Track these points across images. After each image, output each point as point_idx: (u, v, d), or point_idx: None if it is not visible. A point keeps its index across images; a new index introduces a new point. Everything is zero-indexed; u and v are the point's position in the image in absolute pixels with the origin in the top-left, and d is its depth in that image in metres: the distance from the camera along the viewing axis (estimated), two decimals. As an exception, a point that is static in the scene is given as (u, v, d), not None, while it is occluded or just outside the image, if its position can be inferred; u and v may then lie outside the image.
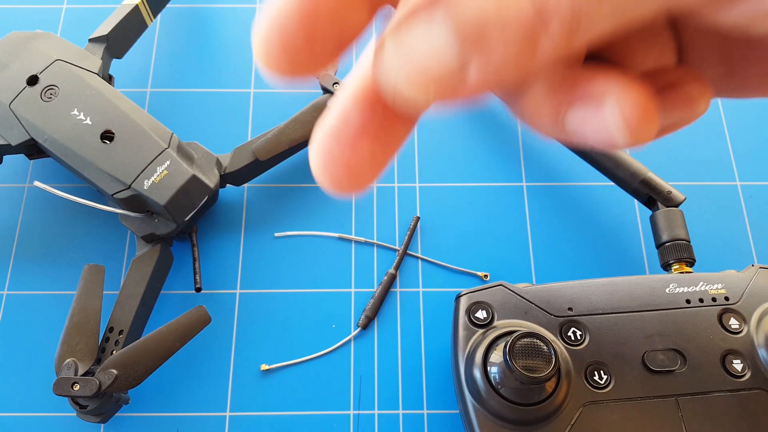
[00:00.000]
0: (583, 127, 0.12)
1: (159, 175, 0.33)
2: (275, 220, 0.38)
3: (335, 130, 0.12)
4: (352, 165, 0.12)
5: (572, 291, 0.30)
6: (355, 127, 0.12)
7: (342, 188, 0.12)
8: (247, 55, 0.43)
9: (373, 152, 0.12)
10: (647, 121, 0.11)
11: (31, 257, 0.37)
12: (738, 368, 0.28)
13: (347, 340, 0.35)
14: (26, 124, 0.34)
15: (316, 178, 0.12)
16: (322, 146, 0.12)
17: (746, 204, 0.39)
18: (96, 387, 0.29)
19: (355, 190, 0.12)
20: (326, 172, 0.12)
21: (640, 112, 0.11)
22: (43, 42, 0.36)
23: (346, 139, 0.12)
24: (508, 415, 0.27)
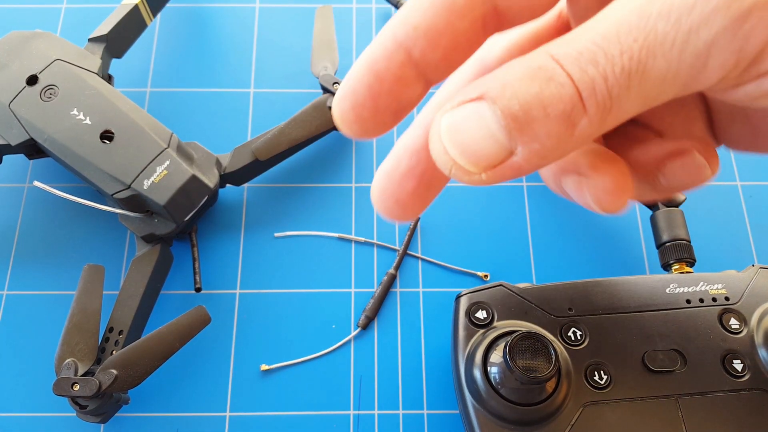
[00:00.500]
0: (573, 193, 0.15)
1: (159, 175, 0.33)
2: (275, 220, 0.38)
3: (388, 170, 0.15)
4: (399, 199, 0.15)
5: (572, 291, 0.30)
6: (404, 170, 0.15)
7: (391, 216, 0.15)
8: (247, 55, 0.43)
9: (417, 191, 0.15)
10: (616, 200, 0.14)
11: (30, 257, 0.37)
12: (738, 368, 0.28)
13: (347, 340, 0.35)
14: (26, 124, 0.34)
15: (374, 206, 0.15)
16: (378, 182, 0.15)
17: (746, 204, 0.39)
18: (96, 387, 0.29)
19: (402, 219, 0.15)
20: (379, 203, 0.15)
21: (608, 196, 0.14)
22: (43, 42, 0.36)
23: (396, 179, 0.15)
24: (508, 415, 0.27)
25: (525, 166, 0.12)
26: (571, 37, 0.12)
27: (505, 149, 0.12)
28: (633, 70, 0.11)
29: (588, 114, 0.11)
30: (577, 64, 0.11)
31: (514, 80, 0.12)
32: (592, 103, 0.11)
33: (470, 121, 0.12)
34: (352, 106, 0.14)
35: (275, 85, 0.42)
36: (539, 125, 0.11)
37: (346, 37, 0.44)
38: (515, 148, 0.12)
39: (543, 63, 0.11)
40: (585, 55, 0.11)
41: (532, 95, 0.11)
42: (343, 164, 0.40)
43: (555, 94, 0.11)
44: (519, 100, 0.11)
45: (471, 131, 0.12)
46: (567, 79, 0.11)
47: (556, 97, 0.11)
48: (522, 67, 0.12)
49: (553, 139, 0.11)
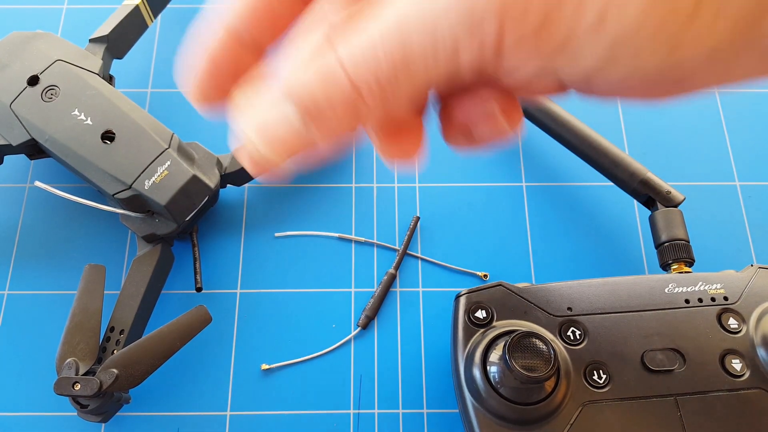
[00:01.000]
0: None
1: (159, 175, 0.33)
2: (275, 220, 0.38)
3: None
4: None
5: (571, 291, 0.30)
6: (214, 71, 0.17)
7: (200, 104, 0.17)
8: (248, 56, 0.43)
9: None
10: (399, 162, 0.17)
11: (31, 257, 0.37)
12: (737, 368, 0.28)
13: (347, 339, 0.35)
14: (27, 124, 0.34)
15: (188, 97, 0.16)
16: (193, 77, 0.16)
17: (745, 204, 0.39)
18: (97, 386, 0.29)
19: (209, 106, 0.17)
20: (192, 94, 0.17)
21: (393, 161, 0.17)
22: (44, 42, 0.36)
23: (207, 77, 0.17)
24: (508, 414, 0.27)
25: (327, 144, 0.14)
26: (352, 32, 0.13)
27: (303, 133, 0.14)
28: (398, 69, 0.13)
29: (368, 105, 0.13)
30: (354, 67, 0.13)
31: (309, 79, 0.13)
32: (370, 97, 0.13)
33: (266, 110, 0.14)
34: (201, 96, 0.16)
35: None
36: (330, 118, 0.14)
37: (347, 37, 0.44)
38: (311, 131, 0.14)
39: (330, 65, 0.13)
40: (360, 59, 0.13)
41: (322, 96, 0.13)
42: (343, 165, 0.40)
43: (340, 94, 0.13)
44: (312, 99, 0.13)
45: (271, 117, 0.14)
46: (348, 82, 0.13)
47: (340, 96, 0.13)
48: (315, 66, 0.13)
49: (343, 125, 0.14)
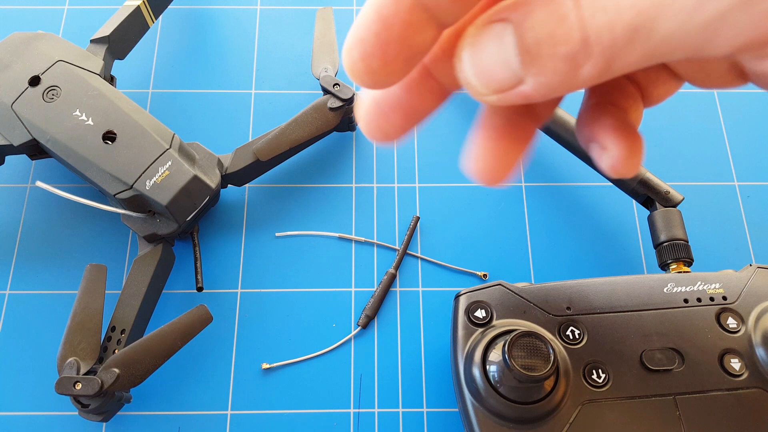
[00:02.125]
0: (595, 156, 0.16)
1: (161, 175, 0.33)
2: (276, 220, 0.39)
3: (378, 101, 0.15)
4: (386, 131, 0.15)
5: (571, 290, 0.30)
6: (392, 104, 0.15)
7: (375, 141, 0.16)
8: (248, 57, 0.43)
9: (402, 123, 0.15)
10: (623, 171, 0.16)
11: (33, 257, 0.37)
12: (736, 367, 0.28)
13: (347, 339, 0.36)
14: (28, 124, 0.34)
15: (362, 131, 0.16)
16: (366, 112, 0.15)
17: (744, 204, 0.39)
18: (98, 386, 0.29)
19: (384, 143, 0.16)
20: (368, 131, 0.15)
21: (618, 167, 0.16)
22: (45, 43, 0.36)
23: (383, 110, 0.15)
24: (507, 413, 0.27)
25: (532, 94, 0.13)
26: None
27: (516, 76, 0.13)
28: (639, 25, 0.11)
29: (592, 59, 0.12)
30: (591, 7, 0.11)
31: (537, 11, 0.12)
32: (598, 49, 0.12)
33: (491, 44, 0.13)
34: (361, 56, 0.13)
35: (276, 86, 0.43)
36: (547, 61, 0.12)
37: (347, 38, 0.44)
38: (525, 77, 0.12)
39: (566, 6, 0.12)
40: (599, 7, 0.11)
41: (546, 32, 0.12)
42: (343, 165, 0.40)
43: (565, 34, 0.12)
44: (535, 33, 0.12)
45: (489, 54, 0.13)
46: (579, 22, 0.11)
47: (565, 38, 0.12)
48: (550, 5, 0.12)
49: (558, 75, 0.12)
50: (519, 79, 0.13)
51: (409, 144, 0.41)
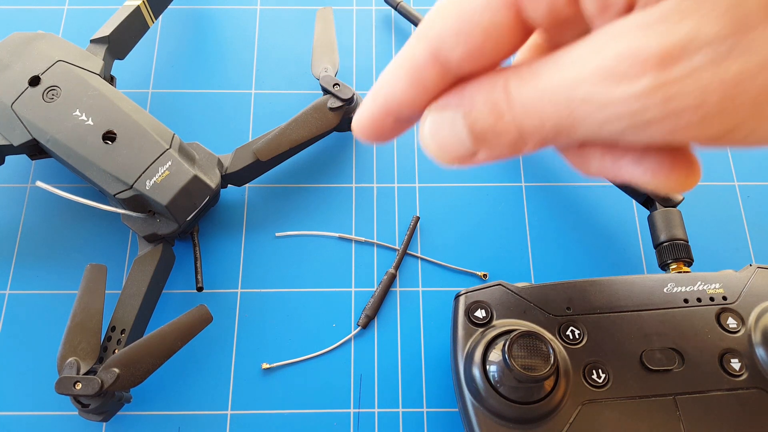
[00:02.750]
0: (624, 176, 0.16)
1: (161, 175, 0.33)
2: (276, 220, 0.39)
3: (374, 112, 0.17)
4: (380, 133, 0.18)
5: (571, 290, 0.30)
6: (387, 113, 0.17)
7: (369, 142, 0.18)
8: (248, 57, 0.43)
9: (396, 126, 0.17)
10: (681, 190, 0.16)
11: (33, 257, 0.37)
12: (736, 367, 0.28)
13: (347, 339, 0.36)
14: (28, 124, 0.34)
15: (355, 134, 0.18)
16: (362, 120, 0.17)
17: (744, 204, 0.39)
18: (98, 386, 0.29)
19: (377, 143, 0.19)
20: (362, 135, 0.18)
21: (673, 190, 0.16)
22: (45, 43, 0.36)
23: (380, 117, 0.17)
24: (507, 413, 0.27)
25: (485, 161, 0.16)
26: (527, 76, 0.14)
27: (470, 151, 0.16)
28: (561, 129, 0.14)
29: (529, 145, 0.15)
30: (521, 110, 0.14)
31: (479, 104, 0.15)
32: (532, 140, 0.14)
33: (446, 126, 0.16)
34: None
35: (276, 86, 0.43)
36: (492, 144, 0.15)
37: (347, 38, 0.44)
38: (477, 152, 0.16)
39: (498, 100, 0.14)
40: (528, 106, 0.14)
41: (488, 125, 0.15)
42: (343, 165, 0.40)
43: (504, 129, 0.14)
44: (479, 124, 0.15)
45: (446, 135, 0.16)
46: (512, 120, 0.14)
47: (504, 130, 0.15)
48: (485, 95, 0.15)
49: (503, 152, 0.15)
50: (473, 153, 0.16)
51: (409, 144, 0.41)
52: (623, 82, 0.12)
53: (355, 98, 0.38)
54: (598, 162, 0.16)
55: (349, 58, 0.43)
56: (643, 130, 0.13)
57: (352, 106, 0.38)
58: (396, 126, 0.17)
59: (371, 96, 0.17)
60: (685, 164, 0.15)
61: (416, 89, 0.16)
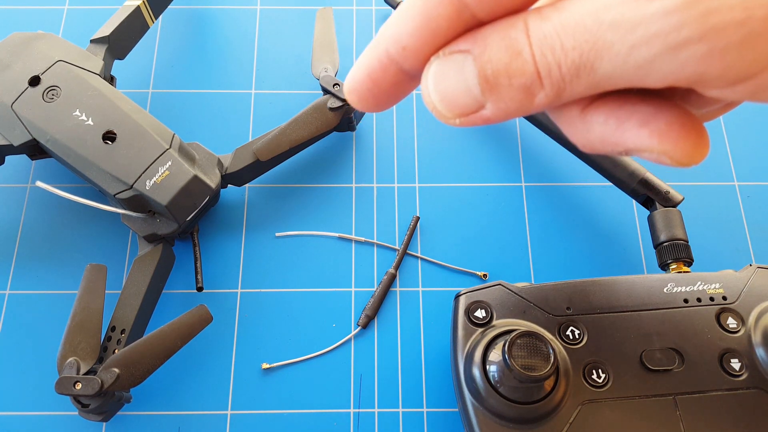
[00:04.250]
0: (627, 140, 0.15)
1: (161, 175, 0.33)
2: (276, 220, 0.39)
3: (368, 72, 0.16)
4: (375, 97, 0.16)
5: (571, 290, 0.30)
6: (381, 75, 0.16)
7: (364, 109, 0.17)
8: (248, 57, 0.43)
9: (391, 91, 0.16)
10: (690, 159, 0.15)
11: (33, 257, 0.37)
12: (736, 367, 0.28)
13: (347, 339, 0.36)
14: (28, 124, 0.34)
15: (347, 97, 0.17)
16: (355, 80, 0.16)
17: (744, 204, 0.39)
18: (98, 386, 0.29)
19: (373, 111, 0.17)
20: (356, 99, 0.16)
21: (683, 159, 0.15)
22: (45, 43, 0.36)
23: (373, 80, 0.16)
24: (507, 413, 0.27)
25: (492, 118, 0.15)
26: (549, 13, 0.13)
27: (477, 102, 0.14)
28: (582, 64, 0.13)
29: (544, 90, 0.13)
30: (540, 47, 0.13)
31: (493, 44, 0.14)
32: (548, 82, 0.13)
33: (453, 73, 0.14)
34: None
35: (276, 86, 0.43)
36: (505, 90, 0.14)
37: (347, 38, 0.44)
38: (485, 103, 0.14)
39: (517, 37, 0.13)
40: (548, 41, 0.13)
41: (503, 64, 0.13)
42: (343, 165, 0.40)
43: (519, 68, 0.13)
44: (492, 65, 0.14)
45: (452, 82, 0.14)
46: (531, 58, 0.13)
47: (519, 71, 0.13)
48: (501, 33, 0.13)
49: (515, 102, 0.14)
50: (480, 105, 0.14)
51: (409, 144, 0.41)
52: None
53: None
54: (601, 127, 0.15)
55: (349, 58, 0.43)
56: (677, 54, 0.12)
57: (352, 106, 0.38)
58: (397, 81, 0.15)
59: (370, 47, 0.15)
60: (695, 132, 0.14)
61: (426, 30, 0.14)
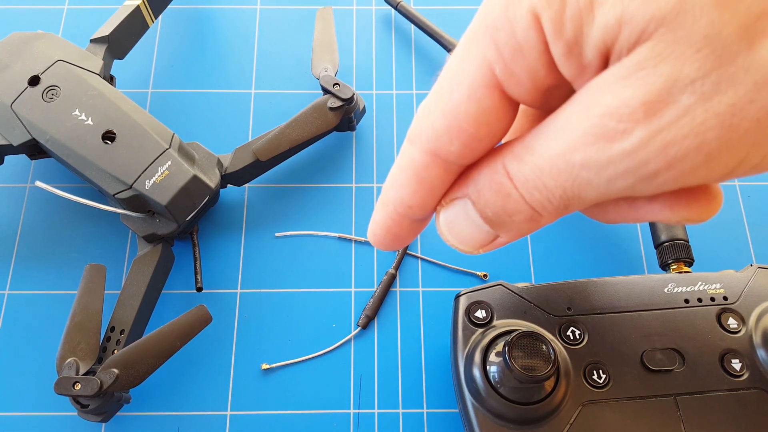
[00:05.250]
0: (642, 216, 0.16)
1: (160, 175, 0.33)
2: (276, 220, 0.38)
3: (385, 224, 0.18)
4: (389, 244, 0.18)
5: (571, 291, 0.30)
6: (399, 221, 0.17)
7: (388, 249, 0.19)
8: (248, 56, 0.43)
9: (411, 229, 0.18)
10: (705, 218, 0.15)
11: (32, 257, 0.37)
12: (736, 368, 0.28)
13: (347, 339, 0.35)
14: (28, 124, 0.34)
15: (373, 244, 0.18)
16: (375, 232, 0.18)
17: (745, 204, 0.39)
18: (97, 386, 0.29)
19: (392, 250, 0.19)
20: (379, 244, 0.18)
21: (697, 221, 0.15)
22: (45, 42, 0.36)
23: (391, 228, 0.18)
24: (508, 414, 0.27)
25: (510, 241, 0.16)
26: (522, 154, 0.14)
27: (490, 235, 0.16)
28: (569, 197, 0.13)
29: (544, 217, 0.14)
30: (526, 188, 0.14)
31: (485, 189, 0.15)
32: (545, 212, 0.14)
33: (461, 218, 0.16)
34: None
35: (276, 86, 0.42)
36: (509, 224, 0.15)
37: (347, 38, 0.44)
38: (498, 234, 0.16)
39: (502, 181, 0.14)
40: (531, 182, 0.14)
41: (499, 207, 0.15)
42: (343, 165, 0.40)
43: (514, 208, 0.14)
44: (490, 209, 0.15)
45: (462, 226, 0.16)
46: (521, 198, 0.14)
47: (516, 210, 0.14)
48: (488, 179, 0.15)
49: (523, 230, 0.15)
50: (494, 237, 0.16)
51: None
52: (616, 139, 0.12)
53: (355, 98, 0.38)
54: (615, 209, 0.16)
55: (349, 58, 0.43)
56: (652, 181, 0.12)
57: (352, 105, 0.38)
58: (413, 227, 0.17)
59: (380, 207, 0.17)
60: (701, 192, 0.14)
61: (424, 190, 0.16)
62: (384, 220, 0.17)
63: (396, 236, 0.17)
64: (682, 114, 0.11)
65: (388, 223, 0.17)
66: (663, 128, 0.11)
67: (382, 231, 0.17)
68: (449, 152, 0.15)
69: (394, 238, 0.18)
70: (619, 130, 0.12)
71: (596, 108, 0.12)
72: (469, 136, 0.14)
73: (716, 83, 0.11)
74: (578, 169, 0.13)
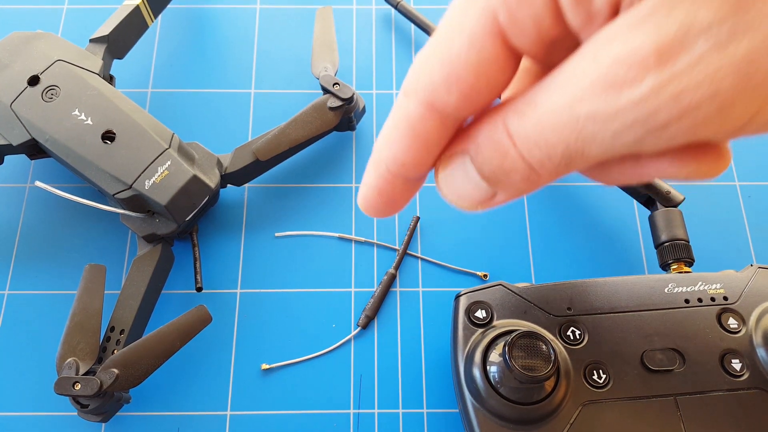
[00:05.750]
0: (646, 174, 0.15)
1: (160, 175, 0.33)
2: (275, 220, 0.38)
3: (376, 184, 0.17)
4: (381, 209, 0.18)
5: (571, 291, 0.30)
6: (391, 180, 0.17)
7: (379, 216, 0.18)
8: (248, 56, 0.43)
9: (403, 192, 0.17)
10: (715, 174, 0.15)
11: (32, 257, 0.37)
12: (737, 368, 0.28)
13: (347, 339, 0.35)
14: (27, 124, 0.34)
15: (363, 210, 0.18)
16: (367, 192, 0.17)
17: (745, 204, 0.39)
18: (97, 386, 0.29)
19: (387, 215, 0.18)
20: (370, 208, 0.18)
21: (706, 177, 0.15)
22: (44, 42, 0.36)
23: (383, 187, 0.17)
24: (508, 414, 0.27)
25: (508, 200, 0.15)
26: (524, 108, 0.13)
27: (488, 192, 0.15)
28: (571, 154, 0.13)
29: (542, 176, 0.14)
30: (526, 145, 0.13)
31: (483, 146, 0.14)
32: (544, 171, 0.14)
33: (459, 174, 0.15)
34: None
35: (276, 85, 0.42)
36: (507, 182, 0.14)
37: (347, 38, 0.44)
38: (495, 192, 0.15)
39: (501, 139, 0.14)
40: (532, 139, 0.13)
41: (497, 165, 0.14)
42: (343, 164, 0.40)
43: (512, 166, 0.14)
44: (487, 166, 0.14)
45: (461, 182, 0.15)
46: (519, 156, 0.14)
47: (513, 168, 0.14)
48: (487, 135, 0.14)
49: (521, 188, 0.15)
50: (492, 194, 0.15)
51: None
52: (625, 87, 0.11)
53: (355, 98, 0.38)
54: (618, 167, 0.15)
55: (349, 57, 0.43)
56: (662, 133, 0.12)
57: (352, 105, 0.38)
58: (406, 188, 0.16)
59: (372, 168, 0.16)
60: (710, 147, 0.14)
61: (419, 146, 0.15)
62: (376, 182, 0.16)
63: (388, 199, 0.17)
64: (696, 61, 0.11)
65: (381, 185, 0.16)
66: (676, 76, 0.11)
67: (373, 193, 0.17)
68: (446, 103, 0.14)
69: (387, 201, 0.17)
70: (629, 78, 0.11)
71: (605, 57, 0.12)
72: (469, 86, 0.14)
73: (732, 30, 0.11)
74: (583, 121, 0.12)
